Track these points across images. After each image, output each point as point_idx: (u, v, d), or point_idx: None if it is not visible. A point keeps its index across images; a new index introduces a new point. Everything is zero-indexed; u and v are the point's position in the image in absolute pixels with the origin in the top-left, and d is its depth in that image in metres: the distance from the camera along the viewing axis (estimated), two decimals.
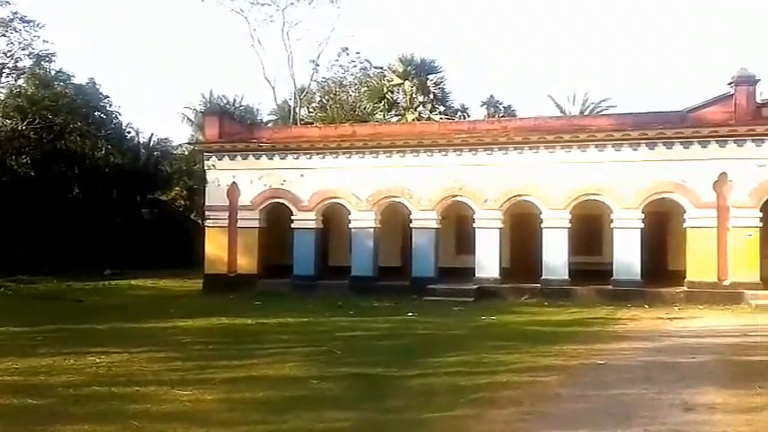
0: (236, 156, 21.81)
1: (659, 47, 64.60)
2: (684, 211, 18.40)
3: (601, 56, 66.08)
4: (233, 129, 22.59)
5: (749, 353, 10.83)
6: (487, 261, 19.68)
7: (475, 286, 19.22)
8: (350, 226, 20.92)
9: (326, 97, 38.20)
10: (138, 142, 36.12)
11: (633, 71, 62.45)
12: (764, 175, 17.72)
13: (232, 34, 69.73)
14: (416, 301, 18.25)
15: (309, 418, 7.08)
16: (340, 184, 20.93)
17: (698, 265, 18.09)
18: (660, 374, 9.12)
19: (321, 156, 21.12)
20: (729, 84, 18.15)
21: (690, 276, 18.21)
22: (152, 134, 37.54)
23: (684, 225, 18.46)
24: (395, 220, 21.50)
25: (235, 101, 40.97)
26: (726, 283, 17.85)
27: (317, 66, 36.18)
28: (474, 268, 19.86)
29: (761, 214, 17.75)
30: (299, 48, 76.32)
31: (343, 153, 20.89)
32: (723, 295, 17.49)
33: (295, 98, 35.33)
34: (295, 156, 21.33)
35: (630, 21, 65.74)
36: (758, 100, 17.95)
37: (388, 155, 20.55)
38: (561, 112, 36.01)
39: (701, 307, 16.97)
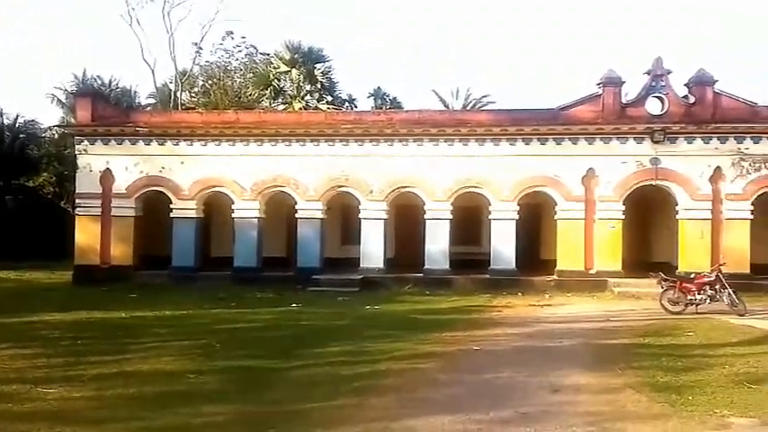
0: (110, 140, 20.67)
1: (536, 46, 67.79)
2: (556, 204, 19.47)
3: (482, 52, 68.31)
4: (107, 112, 21.37)
5: (611, 337, 11.63)
6: (372, 251, 19.89)
7: (360, 276, 19.39)
8: (233, 215, 20.44)
9: (210, 82, 36.96)
10: (2, 123, 33.35)
11: (512, 68, 65.30)
12: (627, 171, 19.06)
13: (108, 12, 65.99)
14: (301, 291, 18.16)
15: (185, 413, 6.88)
16: (223, 172, 20.38)
17: (567, 254, 19.22)
18: (531, 358, 9.64)
19: (203, 142, 20.46)
20: (597, 84, 19.33)
21: (560, 265, 19.31)
22: (17, 115, 34.79)
23: (555, 217, 19.53)
24: (280, 210, 21.24)
25: (111, 82, 38.77)
26: (592, 271, 19.07)
27: (201, 49, 34.98)
28: (359, 258, 20.02)
29: (623, 207, 19.10)
30: (182, 29, 73.37)
31: (227, 140, 20.35)
32: (589, 283, 18.67)
33: (176, 82, 33.95)
34: (175, 142, 20.52)
35: (507, 21, 68.58)
36: (623, 100, 19.21)
37: (273, 143, 20.24)
38: (445, 106, 36.97)
39: (569, 294, 18.04)
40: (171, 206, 20.48)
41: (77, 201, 21.08)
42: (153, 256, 20.77)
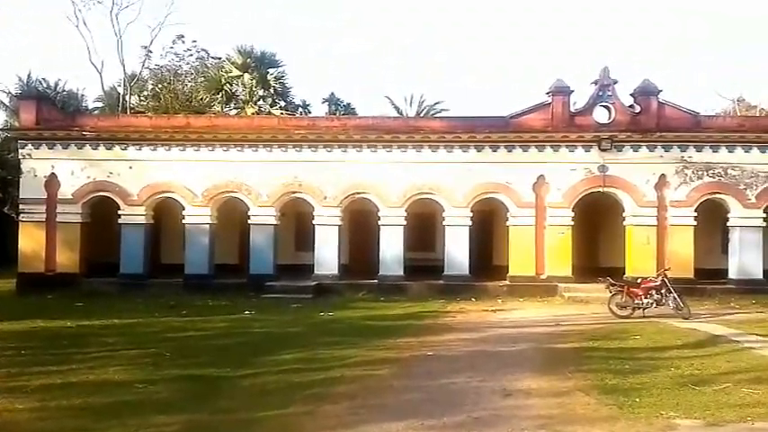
0: (55, 144, 20.08)
1: (493, 48, 68.63)
2: (508, 211, 19.74)
3: (437, 58, 68.94)
4: (53, 115, 20.75)
5: (561, 341, 11.84)
6: (326, 258, 19.81)
7: (313, 283, 19.26)
8: (184, 222, 20.07)
9: (160, 86, 36.25)
10: None
11: (466, 74, 65.98)
12: (576, 178, 19.48)
13: (55, 13, 64.24)
14: (254, 298, 17.93)
15: (134, 423, 6.74)
16: (173, 177, 20.01)
17: (519, 260, 19.50)
18: (483, 363, 9.74)
19: (152, 147, 20.05)
20: (547, 93, 19.72)
21: (512, 271, 19.57)
22: None
23: (507, 223, 19.80)
24: (232, 216, 20.96)
25: (57, 85, 37.71)
26: (543, 276, 19.39)
27: (150, 52, 34.29)
28: (313, 265, 19.90)
29: (573, 214, 19.50)
30: (131, 32, 71.99)
31: (177, 145, 19.99)
32: (540, 288, 18.98)
33: (125, 85, 33.21)
34: (123, 146, 20.06)
35: (465, 22, 69.24)
36: (572, 109, 19.64)
37: (225, 148, 19.99)
38: (398, 112, 37.12)
39: (521, 299, 18.31)
40: (119, 212, 20.00)
41: (21, 206, 20.38)
42: (101, 263, 20.23)
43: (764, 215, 19.15)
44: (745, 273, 19.01)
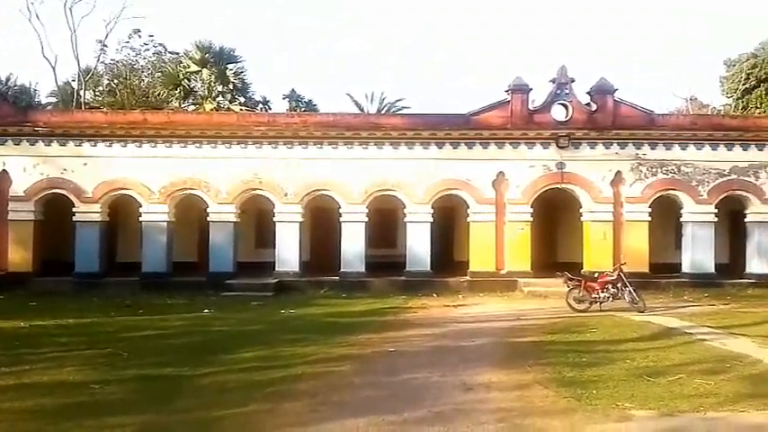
0: (6, 140, 19.50)
1: (459, 48, 69.06)
2: (468, 207, 19.90)
3: (398, 55, 69.10)
4: (4, 110, 20.10)
5: (520, 335, 11.98)
6: (287, 255, 19.68)
7: (274, 280, 19.12)
8: (141, 219, 19.71)
9: (115, 81, 35.54)
10: None
11: (426, 72, 66.26)
12: (535, 174, 19.74)
13: (6, 6, 62.21)
14: (213, 297, 17.71)
15: (89, 425, 6.59)
16: (129, 174, 19.62)
17: (479, 256, 19.69)
18: (444, 358, 9.79)
19: (108, 143, 19.64)
20: (506, 91, 19.92)
21: (472, 267, 19.75)
22: None
23: (468, 219, 19.97)
24: (190, 214, 20.65)
25: (8, 80, 36.57)
26: (503, 272, 19.61)
27: (105, 46, 33.64)
28: (274, 262, 19.75)
29: (532, 210, 19.76)
30: (85, 26, 70.42)
31: (133, 141, 19.61)
32: (500, 283, 19.19)
33: (79, 80, 32.42)
34: (77, 142, 19.60)
35: (435, 22, 69.55)
36: (530, 107, 19.87)
37: (183, 145, 19.68)
38: (360, 109, 37.06)
39: (481, 294, 18.49)
40: (74, 209, 19.53)
41: None
42: (56, 261, 19.76)
43: (716, 211, 19.71)
44: (698, 267, 19.55)
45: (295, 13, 66.56)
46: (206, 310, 15.39)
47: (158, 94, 32.62)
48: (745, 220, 20.07)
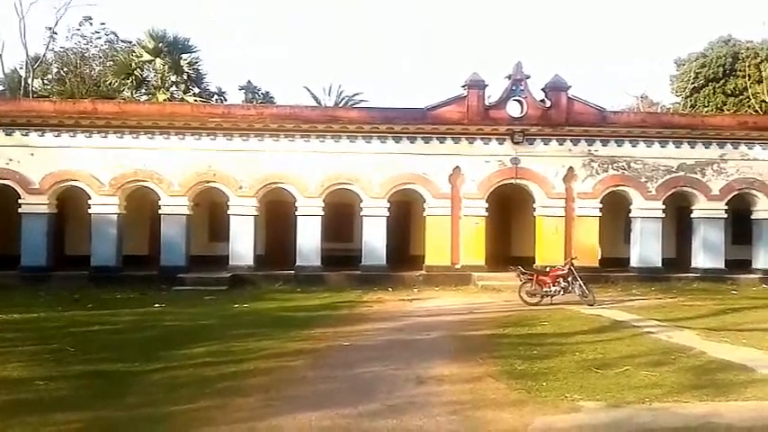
0: None
1: (418, 43, 69.13)
2: (425, 201, 20.00)
3: (356, 50, 68.84)
4: None
5: (473, 328, 12.11)
6: (242, 248, 19.46)
7: (228, 274, 18.89)
8: (90, 211, 19.21)
9: (65, 69, 34.52)
10: None
11: (384, 66, 66.21)
12: (490, 169, 19.94)
13: None
14: (165, 291, 17.42)
15: (34, 422, 6.41)
16: (78, 165, 19.10)
17: (435, 250, 19.82)
18: (398, 352, 9.84)
19: (56, 133, 19.07)
20: (463, 86, 20.05)
21: (428, 261, 19.87)
22: None
23: (424, 213, 20.08)
24: (142, 206, 20.25)
25: None
26: (458, 266, 19.79)
27: (55, 34, 32.68)
28: (228, 256, 19.51)
29: (487, 205, 19.97)
30: (34, 12, 68.16)
31: (83, 131, 19.09)
32: (455, 277, 19.37)
33: (27, 68, 31.36)
34: (24, 132, 18.98)
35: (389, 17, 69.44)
36: (486, 102, 20.04)
37: (134, 135, 19.25)
38: (317, 102, 36.82)
39: (437, 288, 18.63)
40: (20, 201, 18.93)
41: None
42: (0, 255, 19.10)
43: (663, 207, 20.25)
44: (646, 261, 20.07)
45: (251, 4, 65.69)
46: (157, 305, 15.12)
47: (110, 84, 31.75)
48: (692, 215, 20.67)
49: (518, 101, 19.89)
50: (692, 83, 34.36)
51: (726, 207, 20.33)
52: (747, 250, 20.79)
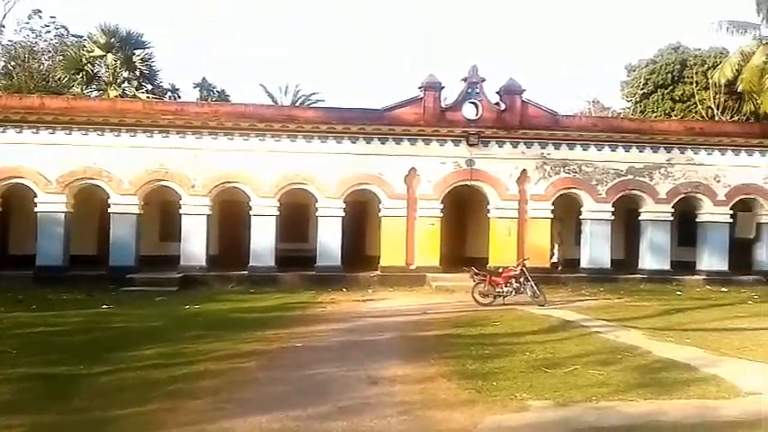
0: None
1: (375, 44, 69.09)
2: (380, 202, 20.04)
3: (313, 49, 68.52)
4: None
5: (426, 329, 12.18)
6: (194, 248, 19.16)
7: (179, 275, 18.58)
8: (35, 210, 18.66)
9: (12, 63, 33.42)
10: None
11: (341, 67, 66.08)
12: (446, 171, 20.09)
13: None
14: (114, 292, 17.02)
15: None
16: (24, 162, 18.54)
17: (390, 250, 19.87)
18: (351, 353, 9.83)
19: (1, 129, 18.51)
20: (419, 88, 20.16)
21: (383, 261, 19.91)
22: None
23: (380, 214, 20.11)
24: (90, 205, 19.74)
25: None
26: (412, 267, 19.88)
27: (3, 27, 31.55)
28: (179, 256, 19.18)
29: (442, 206, 20.12)
30: None
31: (29, 127, 18.54)
32: (410, 278, 19.44)
33: None
34: None
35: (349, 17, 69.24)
36: (442, 104, 20.19)
37: (83, 132, 18.77)
38: (274, 101, 36.51)
39: (391, 289, 18.67)
40: None
41: None
42: None
43: (613, 209, 20.73)
44: (595, 262, 20.52)
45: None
46: (105, 306, 14.79)
47: (59, 79, 30.84)
48: (639, 218, 21.22)
49: (474, 103, 20.09)
50: (642, 89, 35.18)
51: (672, 210, 20.91)
52: (692, 252, 21.43)
